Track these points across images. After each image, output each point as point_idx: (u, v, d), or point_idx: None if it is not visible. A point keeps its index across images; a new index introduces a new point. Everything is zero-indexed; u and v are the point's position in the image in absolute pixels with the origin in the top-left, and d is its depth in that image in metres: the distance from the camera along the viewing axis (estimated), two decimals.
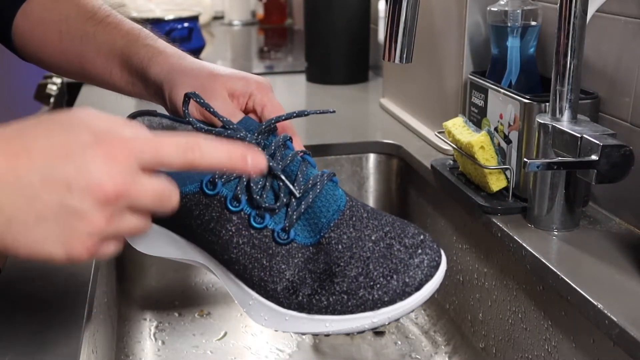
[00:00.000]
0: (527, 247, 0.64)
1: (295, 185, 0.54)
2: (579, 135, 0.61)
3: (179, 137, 0.42)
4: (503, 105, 0.74)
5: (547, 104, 0.66)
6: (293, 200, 0.53)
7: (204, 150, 0.42)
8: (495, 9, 0.77)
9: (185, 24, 1.47)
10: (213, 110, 0.56)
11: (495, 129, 0.75)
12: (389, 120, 1.09)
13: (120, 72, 0.67)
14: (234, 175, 0.54)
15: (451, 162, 0.84)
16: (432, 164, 0.85)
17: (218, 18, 2.23)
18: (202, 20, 1.94)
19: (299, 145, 0.60)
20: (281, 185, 0.54)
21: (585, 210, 0.72)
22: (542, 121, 0.65)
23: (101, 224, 0.39)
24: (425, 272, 0.52)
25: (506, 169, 0.72)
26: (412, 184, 0.96)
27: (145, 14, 1.53)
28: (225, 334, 0.85)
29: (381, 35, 1.39)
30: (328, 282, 0.52)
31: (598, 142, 0.59)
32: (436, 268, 0.53)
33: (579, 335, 0.59)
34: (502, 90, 0.74)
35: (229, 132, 0.54)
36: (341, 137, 1.01)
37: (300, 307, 0.53)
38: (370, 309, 0.52)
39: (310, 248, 0.54)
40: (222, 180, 0.53)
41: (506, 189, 0.73)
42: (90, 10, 0.68)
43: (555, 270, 0.60)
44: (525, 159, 0.62)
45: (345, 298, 0.52)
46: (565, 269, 0.60)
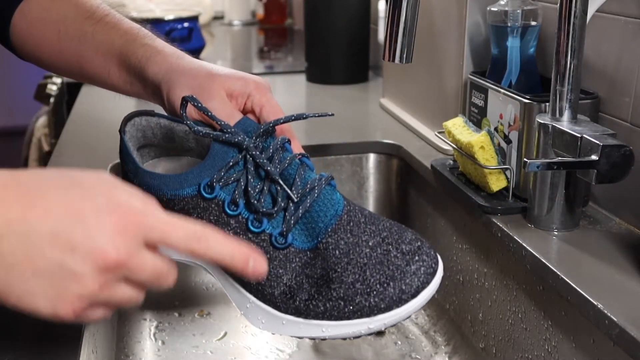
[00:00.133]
0: (527, 247, 0.64)
1: (293, 189, 0.53)
2: (579, 135, 0.61)
3: (191, 225, 0.43)
4: (503, 105, 0.74)
5: (547, 104, 0.66)
6: (291, 204, 0.53)
7: (210, 244, 0.43)
8: (495, 9, 0.77)
9: (185, 24, 1.47)
10: (211, 114, 0.56)
11: (495, 129, 0.75)
12: (389, 120, 1.09)
13: (119, 72, 0.66)
14: (232, 178, 0.53)
15: (451, 162, 0.84)
16: (432, 164, 0.85)
17: (218, 18, 2.23)
18: (202, 20, 1.94)
19: (297, 148, 0.59)
20: (279, 189, 0.53)
21: (585, 210, 0.72)
22: (542, 121, 0.65)
23: (94, 289, 0.40)
24: (422, 280, 0.52)
25: (506, 169, 0.72)
26: (412, 184, 0.96)
27: (145, 14, 1.53)
28: (225, 334, 0.85)
29: (381, 35, 1.39)
30: (325, 288, 0.52)
31: (598, 142, 0.59)
32: (433, 275, 0.53)
33: (579, 335, 0.59)
34: (502, 90, 0.74)
35: (226, 136, 0.54)
36: (341, 137, 1.01)
37: (297, 312, 0.53)
38: (367, 315, 0.52)
39: (308, 253, 0.54)
40: (220, 183, 0.53)
41: (506, 189, 0.73)
42: (88, 10, 0.68)
43: (555, 270, 0.60)
44: (525, 159, 0.62)
45: (342, 304, 0.52)
46: (565, 269, 0.60)
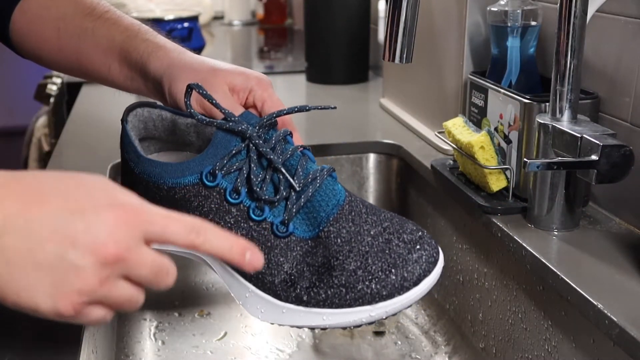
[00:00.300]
0: (527, 247, 0.64)
1: (295, 179, 0.54)
2: (579, 135, 0.61)
3: (189, 219, 0.43)
4: (503, 105, 0.74)
5: (547, 104, 0.66)
6: (293, 193, 0.54)
7: (208, 237, 0.43)
8: (495, 9, 0.77)
9: (185, 24, 1.47)
10: (215, 102, 0.56)
11: (495, 129, 0.75)
12: (389, 120, 1.09)
13: (119, 67, 0.67)
14: (234, 167, 0.54)
15: (451, 162, 0.84)
16: (432, 164, 0.85)
17: (218, 18, 2.23)
18: (202, 20, 1.94)
19: (298, 141, 0.60)
20: (281, 178, 0.54)
21: (585, 210, 0.72)
22: (542, 121, 0.65)
23: (94, 283, 0.40)
24: (424, 268, 0.53)
25: (506, 169, 0.72)
26: (412, 184, 0.96)
27: (145, 14, 1.53)
28: (225, 334, 0.85)
29: (381, 35, 1.39)
30: (326, 275, 0.52)
31: (598, 142, 0.59)
32: (434, 264, 0.53)
33: (579, 335, 0.59)
34: (502, 90, 0.74)
35: (230, 125, 0.54)
36: (341, 137, 1.01)
37: (298, 300, 0.53)
38: (369, 302, 0.52)
39: (309, 241, 0.54)
40: (223, 172, 0.53)
41: (506, 189, 0.73)
42: (88, 7, 0.68)
43: (555, 270, 0.60)
44: (525, 159, 0.62)
45: (344, 291, 0.52)
46: (565, 269, 0.60)
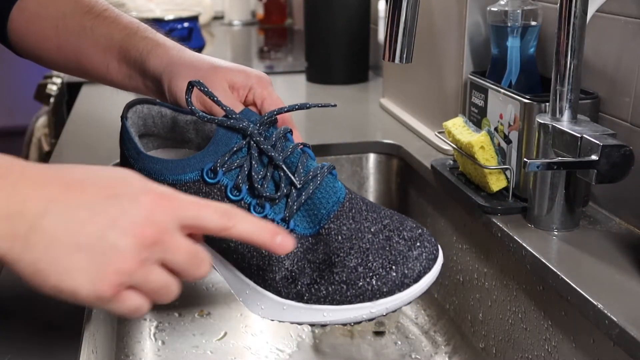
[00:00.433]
0: (527, 247, 0.64)
1: (296, 176, 0.54)
2: (579, 135, 0.61)
3: (219, 204, 0.44)
4: (503, 105, 0.74)
5: (547, 104, 0.66)
6: (293, 190, 0.54)
7: (239, 220, 0.44)
8: (495, 9, 0.77)
9: (185, 24, 1.48)
10: (216, 99, 0.56)
11: (495, 129, 0.75)
12: (389, 120, 1.09)
13: (118, 65, 0.67)
14: (235, 164, 0.54)
15: (451, 162, 0.84)
16: (432, 164, 0.85)
17: (218, 18, 2.23)
18: (202, 20, 1.94)
19: (298, 139, 0.60)
20: (282, 175, 0.54)
21: (585, 210, 0.72)
22: (542, 121, 0.65)
23: (132, 264, 0.40)
24: (424, 265, 0.53)
25: (506, 169, 0.72)
26: (412, 184, 0.96)
27: (145, 14, 1.53)
28: (225, 334, 0.85)
29: (381, 35, 1.39)
30: (327, 272, 0.52)
31: (598, 142, 0.59)
32: (434, 261, 0.53)
33: (579, 335, 0.59)
34: (502, 90, 0.74)
35: (231, 122, 0.54)
36: (341, 137, 1.01)
37: (298, 297, 0.53)
38: (369, 299, 0.52)
39: (310, 238, 0.54)
40: (224, 169, 0.53)
41: (506, 189, 0.73)
42: (87, 5, 0.69)
43: (555, 270, 0.60)
44: (525, 159, 0.62)
45: (345, 288, 0.52)
46: (565, 269, 0.60)
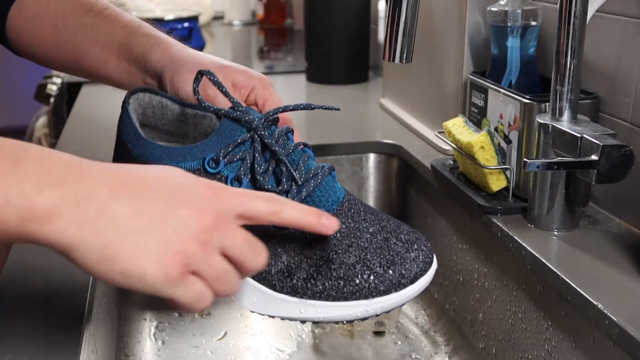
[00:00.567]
0: (527, 247, 0.64)
1: (297, 173, 0.54)
2: (579, 135, 0.61)
3: (263, 192, 0.47)
4: (503, 105, 0.74)
5: (547, 104, 0.66)
6: (294, 186, 0.54)
7: (284, 204, 0.47)
8: (495, 9, 0.77)
9: (185, 24, 1.48)
10: (225, 90, 0.56)
11: (495, 129, 0.75)
12: (389, 120, 1.09)
13: (118, 62, 0.67)
14: (237, 156, 0.54)
15: (451, 162, 0.84)
16: (432, 164, 0.85)
17: (218, 18, 2.23)
18: (202, 20, 1.94)
19: (298, 140, 0.60)
20: (284, 170, 0.54)
21: (585, 210, 0.72)
22: (542, 121, 0.65)
23: (195, 246, 0.42)
24: (421, 267, 0.53)
25: (506, 169, 0.72)
26: (412, 184, 0.96)
27: (145, 14, 1.53)
28: (225, 334, 0.85)
29: (381, 35, 1.39)
30: (325, 268, 0.52)
31: (598, 142, 0.59)
32: (430, 264, 0.54)
33: (579, 335, 0.59)
34: (502, 90, 0.74)
35: (237, 114, 0.54)
36: (341, 137, 1.01)
37: (293, 291, 0.53)
38: (365, 297, 0.52)
39: (307, 235, 0.54)
40: (226, 160, 0.53)
41: (506, 189, 0.73)
42: (87, 4, 0.69)
43: (555, 270, 0.60)
44: (525, 159, 0.62)
45: (342, 284, 0.52)
46: (565, 269, 0.60)
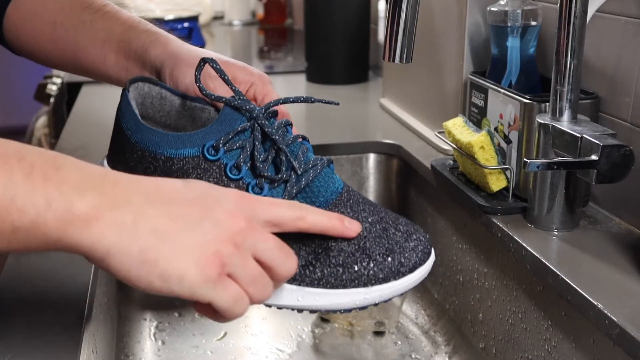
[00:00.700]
0: (527, 247, 0.64)
1: (296, 162, 0.54)
2: (579, 135, 0.61)
3: (286, 201, 0.49)
4: (503, 105, 0.74)
5: (547, 104, 0.66)
6: (293, 176, 0.54)
7: (308, 210, 0.48)
8: (495, 9, 0.77)
9: (185, 24, 1.48)
10: (227, 78, 0.56)
11: (495, 129, 0.75)
12: (389, 120, 1.09)
13: (116, 58, 0.67)
14: (237, 145, 0.54)
15: (451, 162, 0.84)
16: (432, 164, 0.85)
17: (218, 18, 2.23)
18: (202, 20, 1.94)
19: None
20: (283, 160, 0.54)
21: (585, 210, 0.72)
22: (542, 121, 0.65)
23: (230, 247, 0.43)
24: (419, 257, 0.53)
25: (506, 169, 0.73)
26: (412, 184, 0.96)
27: (145, 14, 1.53)
28: (225, 334, 0.85)
29: (381, 35, 1.39)
30: (324, 255, 0.52)
31: (598, 142, 0.59)
32: (428, 255, 0.54)
33: (579, 335, 0.59)
34: (502, 90, 0.74)
35: (238, 102, 0.55)
36: (341, 137, 1.01)
37: (291, 278, 0.52)
38: (364, 284, 0.52)
39: None
40: (225, 147, 0.53)
41: (506, 189, 0.73)
42: (85, 1, 0.69)
43: (555, 270, 0.60)
44: (525, 159, 0.62)
45: (340, 271, 0.52)
46: (565, 269, 0.60)
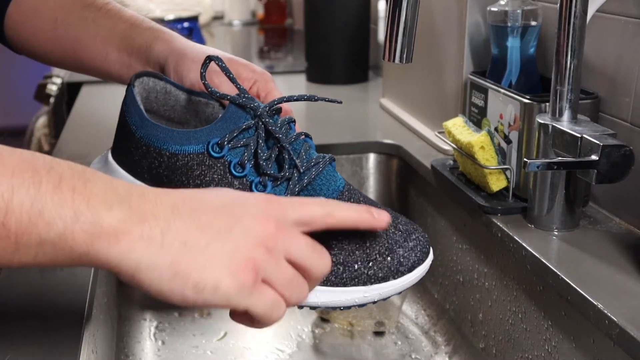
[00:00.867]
0: (527, 247, 0.64)
1: (298, 160, 0.54)
2: (579, 135, 0.61)
3: (314, 198, 0.49)
4: (503, 105, 0.74)
5: (547, 104, 0.66)
6: (295, 174, 0.54)
7: (335, 205, 0.48)
8: (495, 9, 0.77)
9: (185, 24, 1.48)
10: (232, 76, 0.57)
11: (496, 129, 0.75)
12: (389, 120, 1.09)
13: (118, 55, 0.67)
14: (241, 142, 0.54)
15: (451, 162, 0.84)
16: (432, 164, 0.85)
17: (218, 18, 2.23)
18: (202, 20, 1.94)
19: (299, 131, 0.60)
20: (286, 158, 0.54)
21: (585, 210, 0.72)
22: (542, 121, 0.65)
23: (263, 252, 0.43)
24: (418, 256, 0.54)
25: (506, 169, 0.72)
26: (412, 184, 0.96)
27: (145, 14, 1.53)
28: (225, 334, 0.85)
29: (381, 35, 1.39)
30: None
31: (598, 142, 0.59)
32: (427, 254, 0.55)
33: (579, 335, 0.59)
34: (502, 90, 0.74)
35: (243, 100, 0.55)
36: (341, 137, 1.01)
37: None
38: (364, 283, 0.52)
39: None
40: (230, 145, 0.54)
41: (506, 189, 0.73)
42: None
43: (555, 270, 0.60)
44: (525, 159, 0.62)
45: (341, 269, 0.52)
46: (565, 269, 0.60)
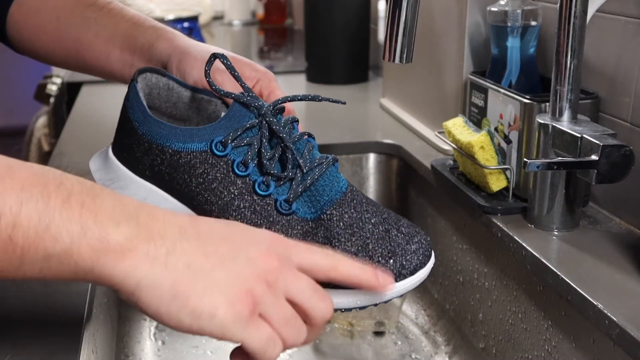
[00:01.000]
0: (527, 247, 0.64)
1: (302, 160, 0.55)
2: (579, 135, 0.61)
3: (320, 247, 0.49)
4: (503, 105, 0.74)
5: (547, 104, 0.66)
6: (299, 174, 0.54)
7: (340, 258, 0.48)
8: (495, 9, 0.77)
9: (185, 24, 1.48)
10: (237, 74, 0.56)
11: (496, 129, 0.75)
12: (389, 120, 1.09)
13: (120, 54, 0.67)
14: (245, 141, 0.54)
15: (451, 162, 0.84)
16: (432, 164, 0.85)
17: (218, 18, 2.23)
18: (202, 20, 1.94)
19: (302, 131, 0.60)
20: (289, 157, 0.54)
21: (585, 210, 0.72)
22: (542, 121, 0.65)
23: (262, 286, 0.43)
24: (420, 260, 0.54)
25: (506, 169, 0.72)
26: (412, 184, 0.96)
27: (145, 14, 1.53)
28: None
29: (381, 35, 1.39)
30: None
31: (598, 142, 0.59)
32: (429, 257, 0.55)
33: (579, 335, 0.59)
34: (502, 90, 0.74)
35: (247, 99, 0.55)
36: (341, 137, 1.01)
37: None
38: None
39: (310, 223, 0.54)
40: (234, 144, 0.54)
41: (506, 189, 0.73)
42: None
43: (555, 270, 0.60)
44: (525, 159, 0.62)
45: None
46: (565, 269, 0.60)
